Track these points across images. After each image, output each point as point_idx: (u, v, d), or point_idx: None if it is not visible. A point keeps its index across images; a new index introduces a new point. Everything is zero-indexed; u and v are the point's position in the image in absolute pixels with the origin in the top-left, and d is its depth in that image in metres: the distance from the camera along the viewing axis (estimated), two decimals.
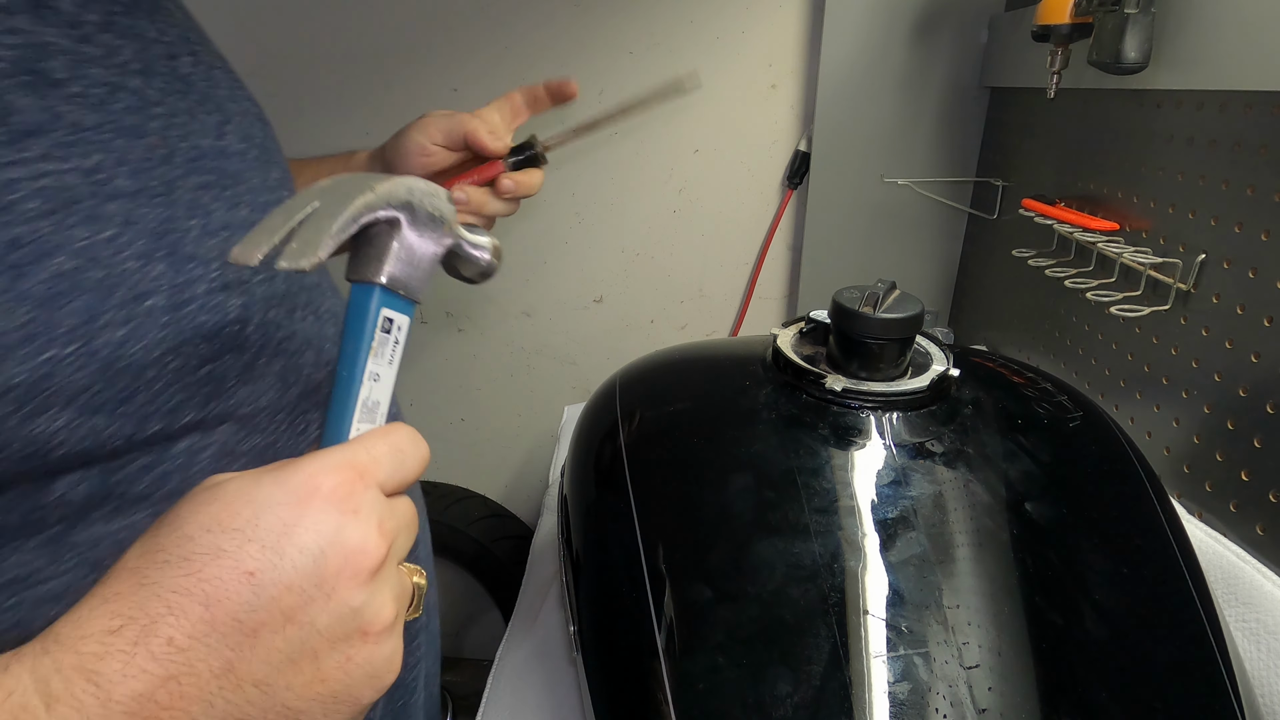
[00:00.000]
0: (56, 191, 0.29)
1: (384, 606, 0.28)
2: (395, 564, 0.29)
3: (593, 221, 1.29)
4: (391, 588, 0.28)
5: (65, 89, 0.31)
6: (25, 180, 0.28)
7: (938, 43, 1.07)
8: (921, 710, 0.36)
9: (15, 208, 0.28)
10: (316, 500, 0.27)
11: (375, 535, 0.27)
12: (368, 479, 0.28)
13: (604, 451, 0.53)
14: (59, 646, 0.24)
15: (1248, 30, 0.59)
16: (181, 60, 0.37)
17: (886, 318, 0.49)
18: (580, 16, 1.16)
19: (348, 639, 0.27)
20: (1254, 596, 0.57)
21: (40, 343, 0.28)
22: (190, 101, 0.37)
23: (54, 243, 0.29)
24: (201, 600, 0.24)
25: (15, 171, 0.28)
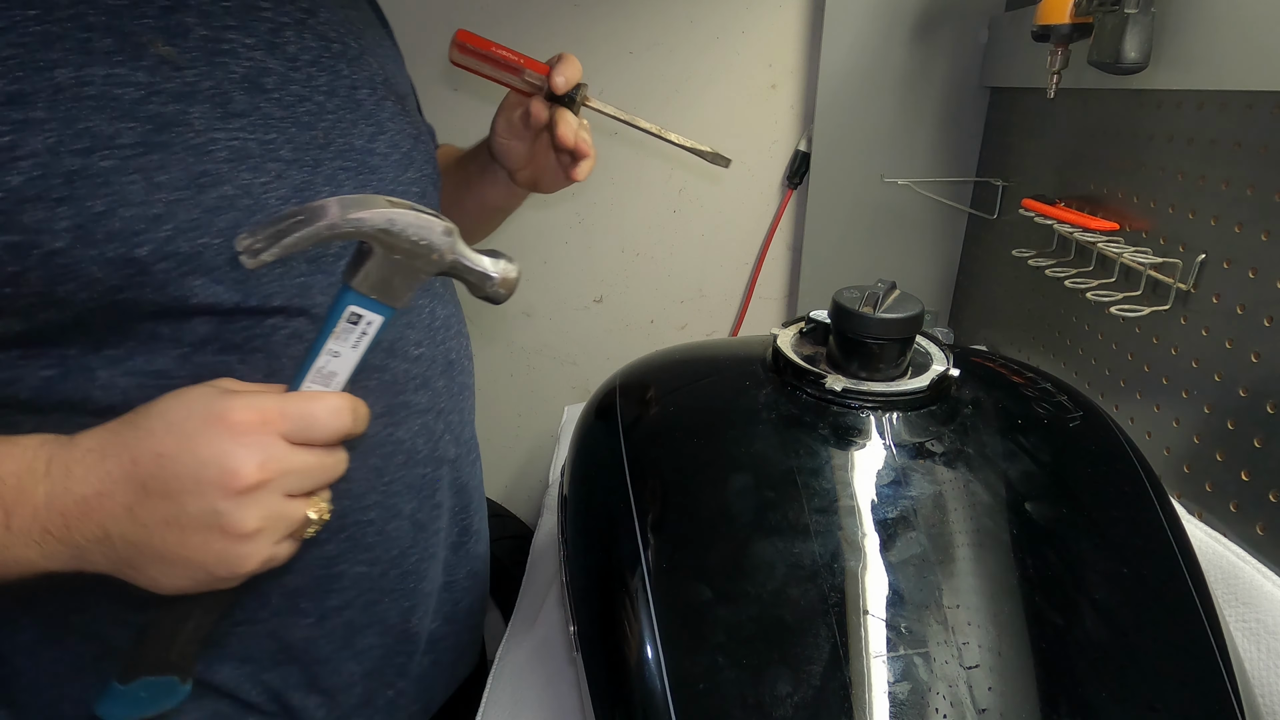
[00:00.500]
0: (238, 150, 0.45)
1: (245, 520, 0.38)
2: (275, 494, 0.39)
3: (593, 221, 1.29)
4: (261, 509, 0.38)
5: (269, 95, 0.48)
6: (223, 140, 0.45)
7: (938, 43, 1.07)
8: (921, 710, 0.36)
9: (210, 155, 0.44)
10: (222, 425, 0.38)
11: (252, 466, 0.38)
12: (270, 425, 0.39)
13: (604, 451, 0.53)
14: (72, 444, 0.39)
15: (1248, 30, 0.59)
16: (361, 91, 0.55)
17: (886, 318, 0.49)
18: (580, 16, 1.16)
19: (209, 529, 0.38)
20: (1254, 596, 0.57)
21: (200, 231, 0.43)
22: (357, 116, 0.53)
23: (226, 178, 0.44)
24: (130, 458, 0.38)
25: (219, 135, 0.45)
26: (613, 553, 0.46)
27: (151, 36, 0.43)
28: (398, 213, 0.40)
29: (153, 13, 0.43)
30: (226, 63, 0.46)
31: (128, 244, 0.41)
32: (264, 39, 0.48)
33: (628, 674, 0.40)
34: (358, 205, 0.39)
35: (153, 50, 0.43)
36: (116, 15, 0.42)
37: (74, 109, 0.39)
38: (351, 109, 0.53)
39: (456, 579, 0.66)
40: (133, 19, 0.42)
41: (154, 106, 0.42)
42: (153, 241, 0.41)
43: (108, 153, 0.40)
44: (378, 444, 0.54)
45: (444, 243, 0.41)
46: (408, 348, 0.55)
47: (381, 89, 0.57)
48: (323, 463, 0.41)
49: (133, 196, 0.41)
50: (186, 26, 0.45)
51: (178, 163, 0.42)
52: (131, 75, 0.42)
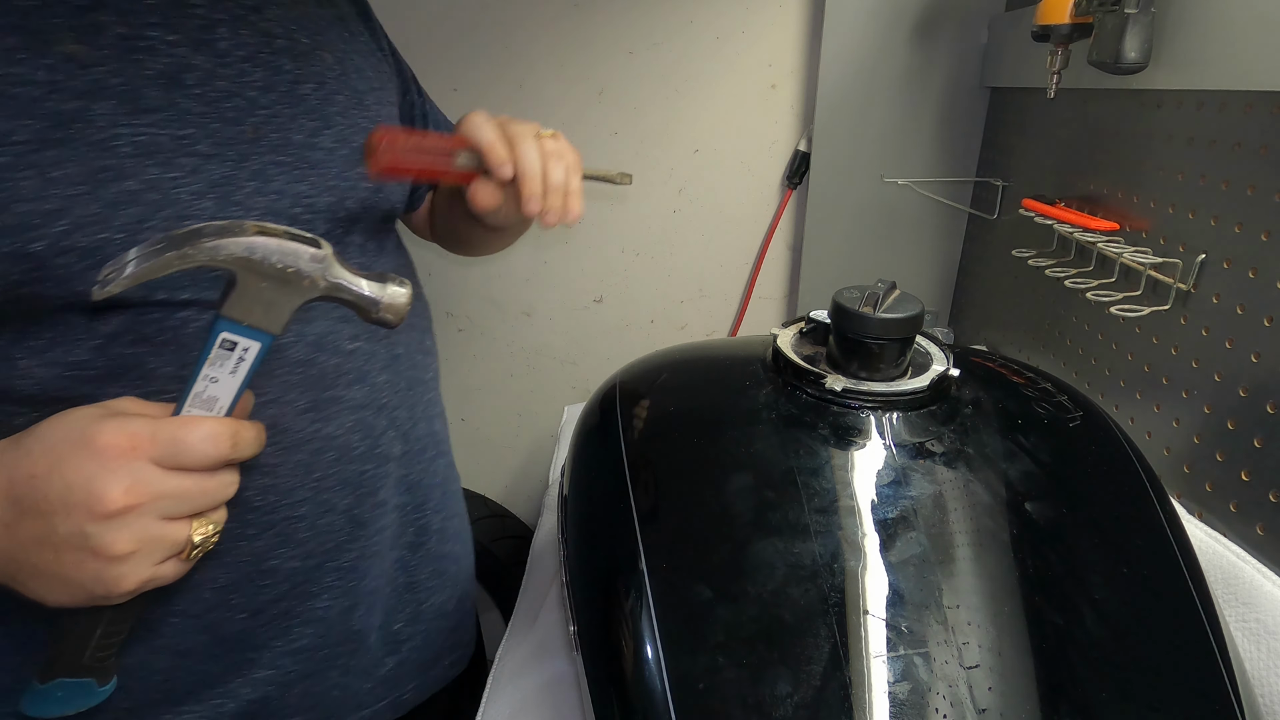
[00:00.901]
0: (145, 145, 0.45)
1: (115, 543, 0.38)
2: (147, 517, 0.39)
3: (593, 221, 1.29)
4: (131, 533, 0.38)
5: (189, 90, 0.48)
6: (128, 135, 0.45)
7: (938, 43, 1.07)
8: (921, 710, 0.36)
9: (113, 150, 0.44)
10: (90, 449, 0.38)
11: (117, 491, 0.38)
12: (139, 451, 0.39)
13: (604, 451, 0.53)
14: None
15: (1248, 30, 0.59)
16: (305, 86, 0.54)
17: (886, 318, 0.49)
18: (581, 17, 1.16)
19: (80, 550, 0.38)
20: (1254, 596, 0.57)
21: (100, 226, 0.43)
22: (297, 111, 0.53)
23: (130, 173, 0.44)
24: (8, 477, 0.39)
25: (123, 130, 0.45)
26: (613, 552, 0.46)
27: (61, 35, 0.43)
28: (259, 240, 0.39)
29: (65, 12, 0.44)
30: (142, 59, 0.46)
31: (22, 239, 0.42)
32: (191, 35, 0.48)
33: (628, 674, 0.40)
34: (218, 233, 0.38)
35: (59, 48, 0.43)
36: (26, 15, 0.43)
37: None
38: (291, 104, 0.52)
39: (419, 579, 0.66)
40: (43, 18, 0.43)
41: (53, 103, 0.43)
42: (48, 237, 0.42)
43: (1, 150, 0.41)
44: (304, 439, 0.53)
45: (314, 269, 0.41)
46: (340, 342, 0.55)
47: (333, 84, 0.56)
48: (201, 487, 0.41)
49: (26, 192, 0.41)
50: (101, 25, 0.45)
51: (75, 158, 0.43)
52: (31, 74, 0.42)
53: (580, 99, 1.21)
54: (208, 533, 0.42)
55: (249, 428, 0.42)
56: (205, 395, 0.41)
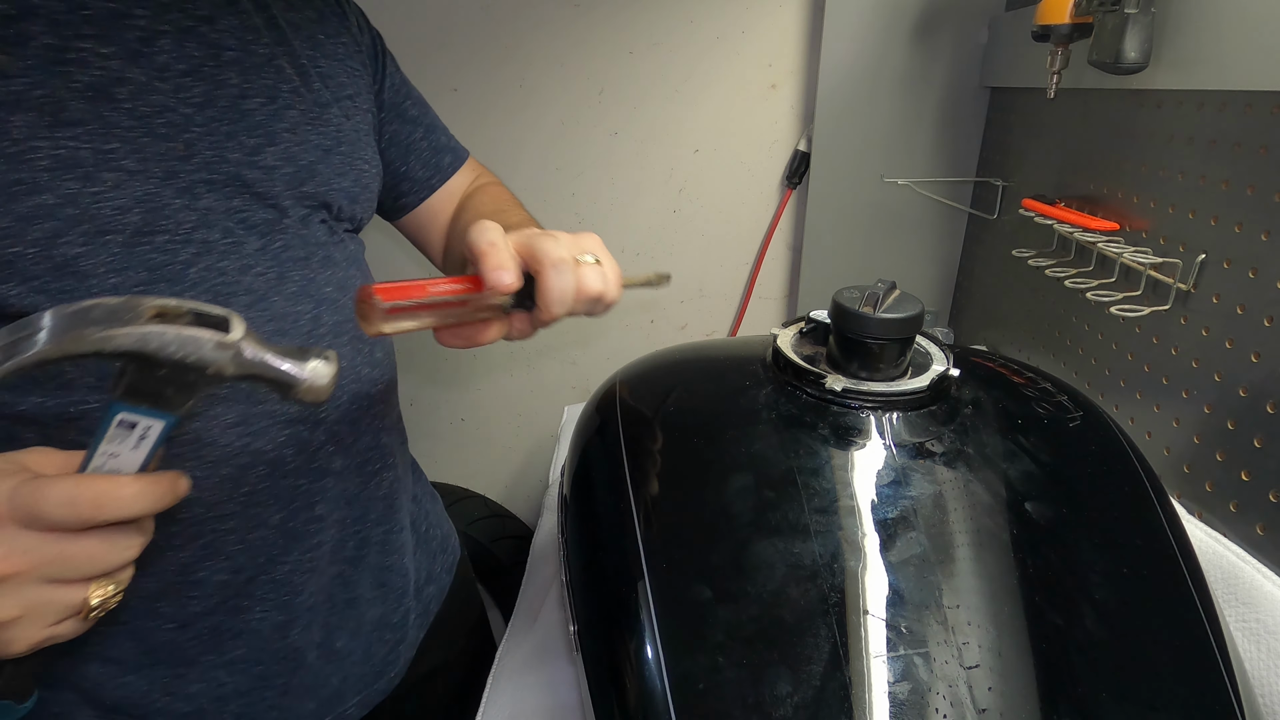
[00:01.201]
0: (64, 159, 0.44)
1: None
2: (30, 583, 0.37)
3: (593, 221, 1.29)
4: (14, 599, 0.36)
5: (118, 104, 0.46)
6: (46, 149, 0.44)
7: (938, 43, 1.07)
8: (921, 710, 0.36)
9: (29, 163, 0.43)
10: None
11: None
12: (3, 519, 0.36)
13: (604, 451, 0.53)
14: None
15: (1248, 30, 0.59)
16: (251, 100, 0.52)
17: (886, 318, 0.49)
18: (580, 17, 1.16)
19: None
20: (1254, 596, 0.57)
21: (12, 240, 0.43)
22: (238, 128, 0.51)
23: (45, 187, 0.43)
24: None
25: (41, 143, 0.43)
26: (613, 552, 0.46)
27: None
28: (154, 330, 0.35)
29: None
30: (70, 71, 0.45)
31: None
32: (128, 48, 0.47)
33: (628, 674, 0.40)
34: (109, 316, 0.35)
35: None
36: None
37: None
38: (232, 120, 0.51)
39: (360, 593, 0.64)
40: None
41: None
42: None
43: None
44: (231, 454, 0.52)
45: (218, 357, 0.37)
46: None
47: (287, 97, 0.54)
48: (89, 551, 0.38)
49: None
50: (29, 35, 0.44)
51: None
52: None
53: (580, 98, 1.21)
54: (107, 594, 0.40)
55: (129, 484, 0.38)
56: (107, 468, 0.38)
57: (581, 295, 0.47)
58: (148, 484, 0.38)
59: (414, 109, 0.72)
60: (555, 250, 0.46)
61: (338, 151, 0.58)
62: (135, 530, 0.40)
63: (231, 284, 0.51)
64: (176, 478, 0.40)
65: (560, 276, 0.45)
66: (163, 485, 0.39)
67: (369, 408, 0.62)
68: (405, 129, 0.71)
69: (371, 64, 0.66)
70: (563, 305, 0.46)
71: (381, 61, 0.68)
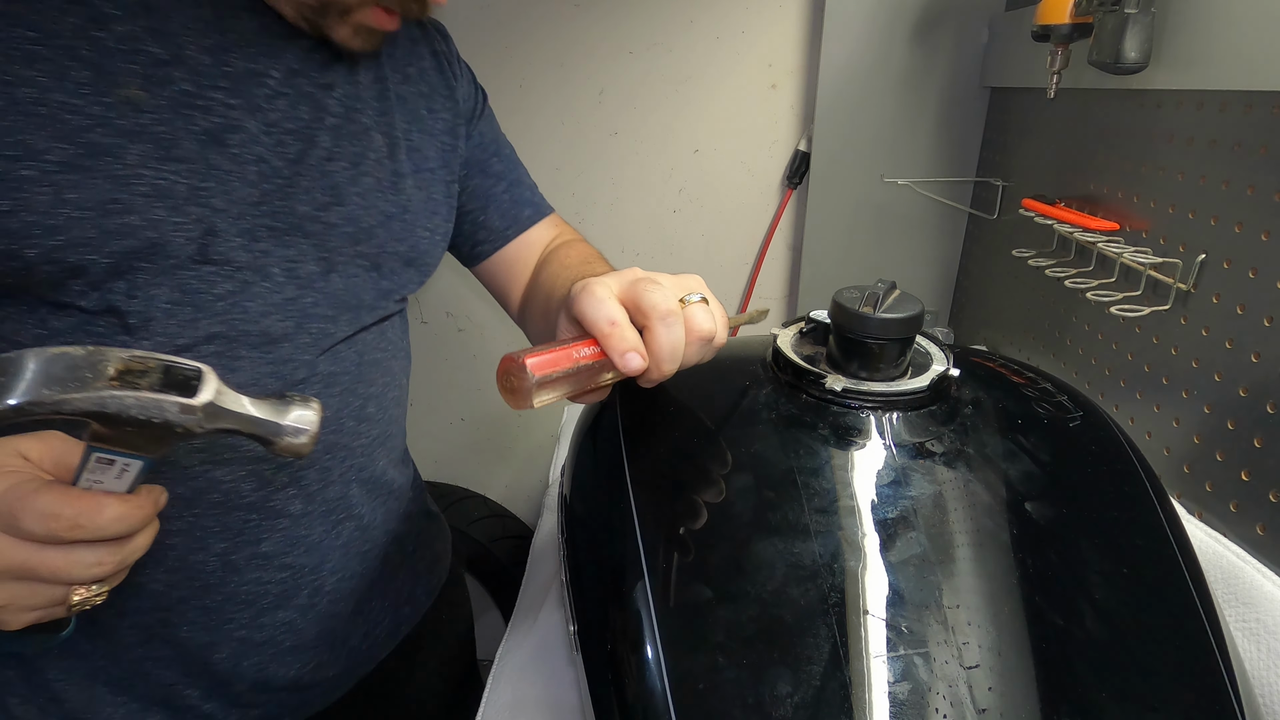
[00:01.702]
0: (163, 189, 0.48)
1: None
2: (5, 579, 0.38)
3: (593, 221, 1.29)
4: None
5: (226, 149, 0.51)
6: (150, 177, 0.48)
7: (938, 43, 1.07)
8: (921, 710, 0.36)
9: (129, 187, 0.47)
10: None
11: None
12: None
13: (604, 451, 0.53)
14: None
15: (1248, 30, 0.59)
16: (336, 163, 0.57)
17: (886, 318, 0.49)
18: (580, 16, 1.16)
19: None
20: (1254, 596, 0.57)
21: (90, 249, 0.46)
22: (314, 185, 0.55)
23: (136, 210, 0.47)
24: None
25: (146, 172, 0.47)
26: (613, 552, 0.46)
27: (130, 80, 0.47)
28: (111, 396, 0.34)
29: (144, 61, 0.47)
30: (193, 115, 0.49)
31: (20, 243, 0.45)
32: (252, 103, 0.52)
33: (628, 674, 0.40)
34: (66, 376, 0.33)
35: (122, 91, 0.46)
36: (108, 55, 0.46)
37: (19, 123, 0.43)
38: (312, 178, 0.55)
39: (305, 641, 0.63)
40: (123, 60, 0.46)
41: (95, 136, 0.45)
42: (42, 248, 0.45)
43: (31, 164, 0.44)
44: (189, 475, 0.53)
45: (186, 420, 0.36)
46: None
47: (369, 165, 0.59)
48: (57, 564, 0.38)
49: (38, 206, 0.44)
50: (171, 79, 0.48)
51: (93, 187, 0.45)
52: (88, 107, 0.45)
53: (580, 99, 1.21)
54: (89, 594, 0.40)
55: (110, 507, 0.38)
56: (95, 486, 0.39)
57: (692, 337, 0.45)
58: (130, 508, 0.39)
59: (499, 164, 0.76)
60: (664, 302, 0.44)
61: (400, 219, 0.62)
62: (114, 547, 0.40)
63: (249, 323, 0.53)
64: (158, 495, 0.41)
65: (670, 331, 0.44)
66: (145, 509, 0.40)
67: (345, 459, 0.62)
68: (487, 183, 0.75)
69: (465, 125, 0.71)
70: (673, 362, 0.45)
71: (476, 121, 0.73)
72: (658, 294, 0.44)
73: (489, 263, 0.78)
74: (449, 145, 0.68)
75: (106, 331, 0.49)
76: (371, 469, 0.66)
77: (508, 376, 0.43)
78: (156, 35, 0.48)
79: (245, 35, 0.52)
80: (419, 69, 0.66)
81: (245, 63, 0.52)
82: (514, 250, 0.78)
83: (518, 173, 0.79)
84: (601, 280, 0.46)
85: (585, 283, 0.46)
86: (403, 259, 0.64)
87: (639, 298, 0.44)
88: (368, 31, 0.55)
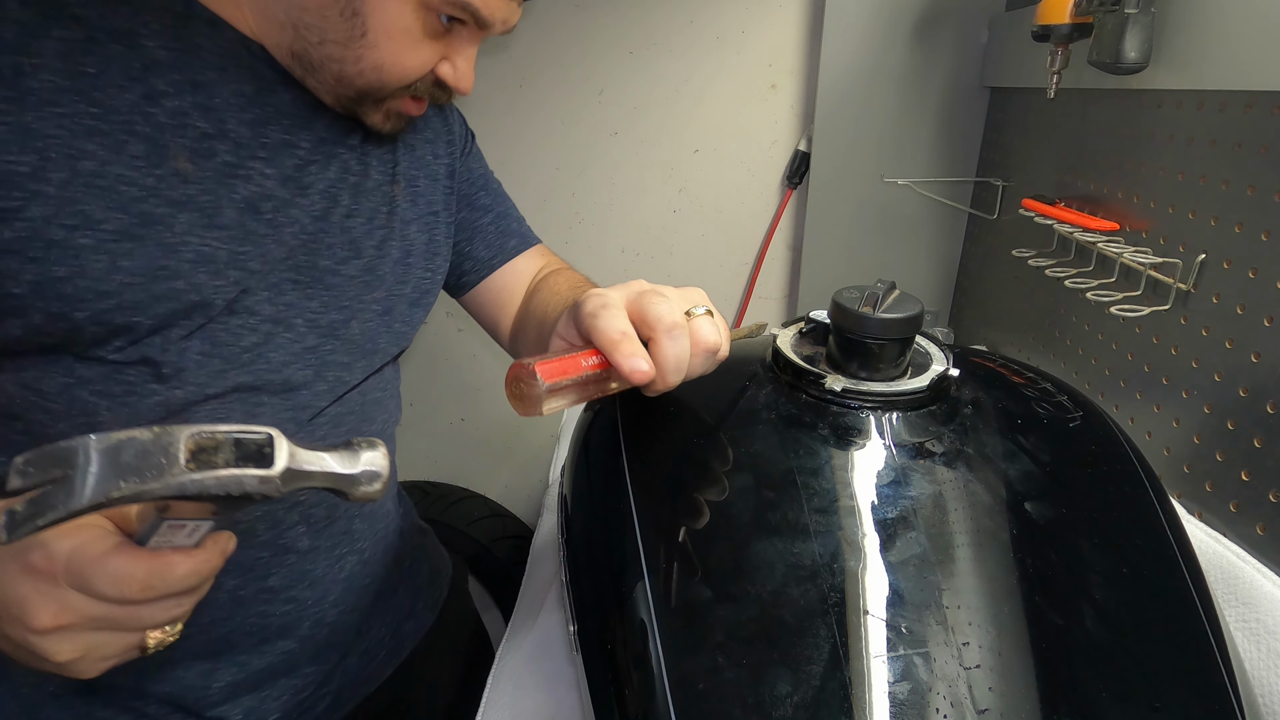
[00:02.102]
0: (207, 255, 0.50)
1: (58, 653, 0.39)
2: (84, 632, 0.39)
3: (593, 221, 1.29)
4: (70, 644, 0.39)
5: (261, 216, 0.53)
6: (195, 245, 0.50)
7: (938, 43, 1.07)
8: (922, 710, 0.36)
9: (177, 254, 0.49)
10: (22, 567, 0.38)
11: (46, 615, 0.38)
12: (59, 578, 0.38)
13: (604, 451, 0.53)
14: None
15: (1248, 30, 0.59)
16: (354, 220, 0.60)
17: (886, 318, 0.48)
18: (581, 16, 1.16)
19: (30, 653, 0.39)
20: (1254, 596, 0.57)
21: (137, 311, 0.48)
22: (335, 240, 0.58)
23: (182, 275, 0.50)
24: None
25: (192, 239, 0.50)
26: (613, 552, 0.46)
27: (178, 152, 0.49)
28: (192, 480, 0.33)
29: (192, 135, 0.50)
30: (235, 185, 0.52)
31: (72, 306, 0.46)
32: (284, 171, 0.55)
33: (628, 674, 0.40)
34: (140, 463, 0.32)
35: (173, 163, 0.49)
36: (160, 130, 0.48)
37: (81, 193, 0.45)
38: (335, 234, 0.58)
39: (299, 664, 0.64)
40: (173, 135, 0.49)
41: (148, 206, 0.48)
42: (92, 310, 0.47)
43: (89, 232, 0.46)
44: None
45: (264, 488, 0.35)
46: None
47: (383, 218, 0.62)
48: (133, 616, 0.39)
49: (93, 271, 0.46)
50: (215, 151, 0.51)
51: (145, 254, 0.48)
52: (143, 179, 0.48)
53: (580, 99, 1.21)
54: (164, 635, 0.42)
55: (180, 564, 0.39)
56: (164, 544, 0.39)
57: (697, 349, 0.46)
58: (198, 563, 0.40)
59: (486, 198, 0.78)
60: (669, 314, 0.45)
61: (404, 263, 0.65)
62: (188, 595, 0.41)
63: (272, 372, 0.56)
64: (224, 544, 0.42)
65: (675, 343, 0.45)
66: (213, 562, 0.41)
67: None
68: (473, 215, 0.76)
69: (457, 161, 0.73)
70: (678, 373, 0.45)
71: (465, 158, 0.75)
72: (663, 306, 0.45)
73: (475, 292, 0.80)
74: (449, 188, 0.71)
75: (136, 380, 0.51)
76: (371, 504, 0.67)
77: (517, 383, 0.43)
78: (203, 110, 0.50)
79: (281, 108, 0.55)
80: (424, 117, 0.69)
81: (281, 134, 0.55)
82: (501, 279, 0.79)
83: (505, 205, 0.80)
84: (608, 291, 0.47)
85: (592, 293, 0.47)
86: (409, 301, 0.66)
87: (645, 310, 0.45)
88: (398, 115, 0.59)
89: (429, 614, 0.79)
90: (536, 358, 0.43)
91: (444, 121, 0.72)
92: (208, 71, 0.51)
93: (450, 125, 0.72)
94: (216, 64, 0.51)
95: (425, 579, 0.79)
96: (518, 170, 1.23)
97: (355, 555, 0.66)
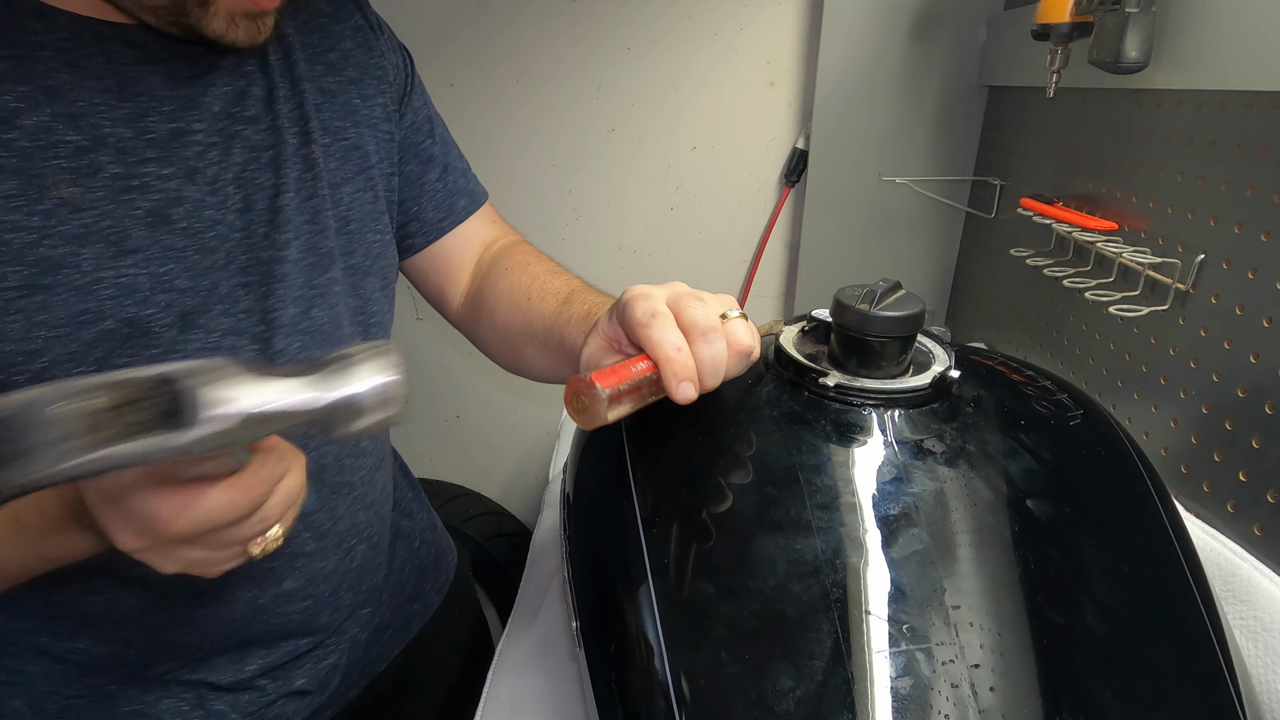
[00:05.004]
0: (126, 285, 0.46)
1: (155, 562, 0.39)
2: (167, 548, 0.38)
3: (590, 219, 1.29)
4: (161, 556, 0.39)
5: (174, 226, 0.48)
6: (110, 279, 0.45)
7: (936, 41, 1.07)
8: (923, 706, 0.36)
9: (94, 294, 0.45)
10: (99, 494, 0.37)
11: (122, 535, 0.38)
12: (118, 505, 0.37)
13: (607, 448, 0.52)
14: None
15: (1248, 30, 0.59)
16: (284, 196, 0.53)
17: (888, 316, 0.48)
18: (579, 13, 1.16)
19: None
20: (1252, 594, 0.57)
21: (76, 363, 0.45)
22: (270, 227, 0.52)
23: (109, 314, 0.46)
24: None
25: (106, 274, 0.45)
26: (615, 548, 0.46)
27: (58, 178, 0.43)
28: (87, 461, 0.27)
29: (66, 153, 0.44)
30: (133, 198, 0.46)
31: (8, 374, 0.43)
32: (185, 166, 0.48)
33: (630, 669, 0.40)
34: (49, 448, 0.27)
35: (54, 193, 0.43)
36: (27, 157, 0.42)
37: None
38: (266, 221, 0.52)
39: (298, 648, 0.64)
40: (43, 160, 0.43)
41: (44, 249, 0.43)
42: (28, 372, 0.43)
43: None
44: None
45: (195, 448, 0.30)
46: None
47: (310, 185, 0.55)
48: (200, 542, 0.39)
49: (12, 334, 0.42)
50: (98, 165, 0.45)
51: (60, 304, 0.43)
52: (26, 220, 0.42)
53: (577, 95, 1.21)
54: (267, 541, 0.42)
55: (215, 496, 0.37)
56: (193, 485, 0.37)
57: (733, 352, 0.46)
58: (237, 493, 0.38)
59: (433, 147, 0.68)
60: (706, 318, 0.45)
61: (345, 231, 0.59)
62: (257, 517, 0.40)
63: None
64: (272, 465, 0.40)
65: (712, 346, 0.44)
66: (255, 489, 0.39)
67: (349, 494, 0.62)
68: (419, 169, 0.67)
69: (398, 104, 0.64)
70: (716, 375, 0.45)
71: (408, 99, 0.66)
72: (700, 310, 0.45)
73: (419, 257, 0.71)
74: (387, 134, 0.62)
75: None
76: (373, 494, 0.66)
77: (578, 398, 0.43)
78: (68, 120, 0.44)
79: (155, 92, 0.47)
80: (341, 53, 0.59)
81: (165, 123, 0.47)
82: (450, 244, 0.71)
83: (451, 155, 0.71)
84: (653, 293, 0.46)
85: (638, 295, 0.46)
86: (360, 271, 0.60)
87: (683, 313, 0.45)
88: (245, 18, 0.47)
89: (435, 596, 0.79)
90: (592, 371, 0.43)
91: (369, 54, 0.61)
92: (58, 73, 0.43)
93: (380, 60, 0.62)
94: (64, 60, 0.44)
95: (431, 561, 0.79)
96: (513, 166, 1.23)
97: (365, 544, 0.66)
